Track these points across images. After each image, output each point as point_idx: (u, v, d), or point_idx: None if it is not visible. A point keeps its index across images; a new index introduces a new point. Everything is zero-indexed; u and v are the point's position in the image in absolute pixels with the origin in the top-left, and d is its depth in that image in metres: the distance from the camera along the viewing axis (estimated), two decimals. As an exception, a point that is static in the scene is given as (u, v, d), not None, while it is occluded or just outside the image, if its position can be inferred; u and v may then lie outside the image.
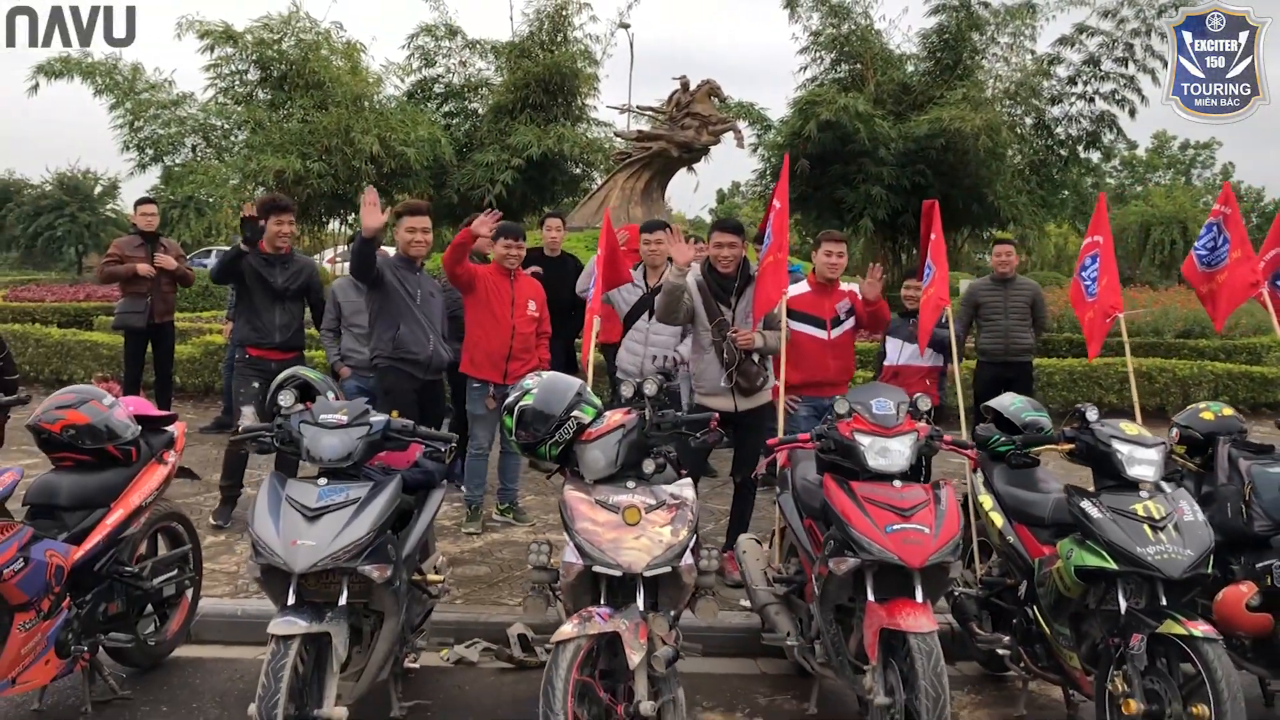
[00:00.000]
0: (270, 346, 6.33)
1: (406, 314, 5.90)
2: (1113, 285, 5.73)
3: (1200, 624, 3.60)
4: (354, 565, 3.48)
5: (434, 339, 6.00)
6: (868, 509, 3.79)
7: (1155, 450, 3.98)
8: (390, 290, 5.84)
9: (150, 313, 8.29)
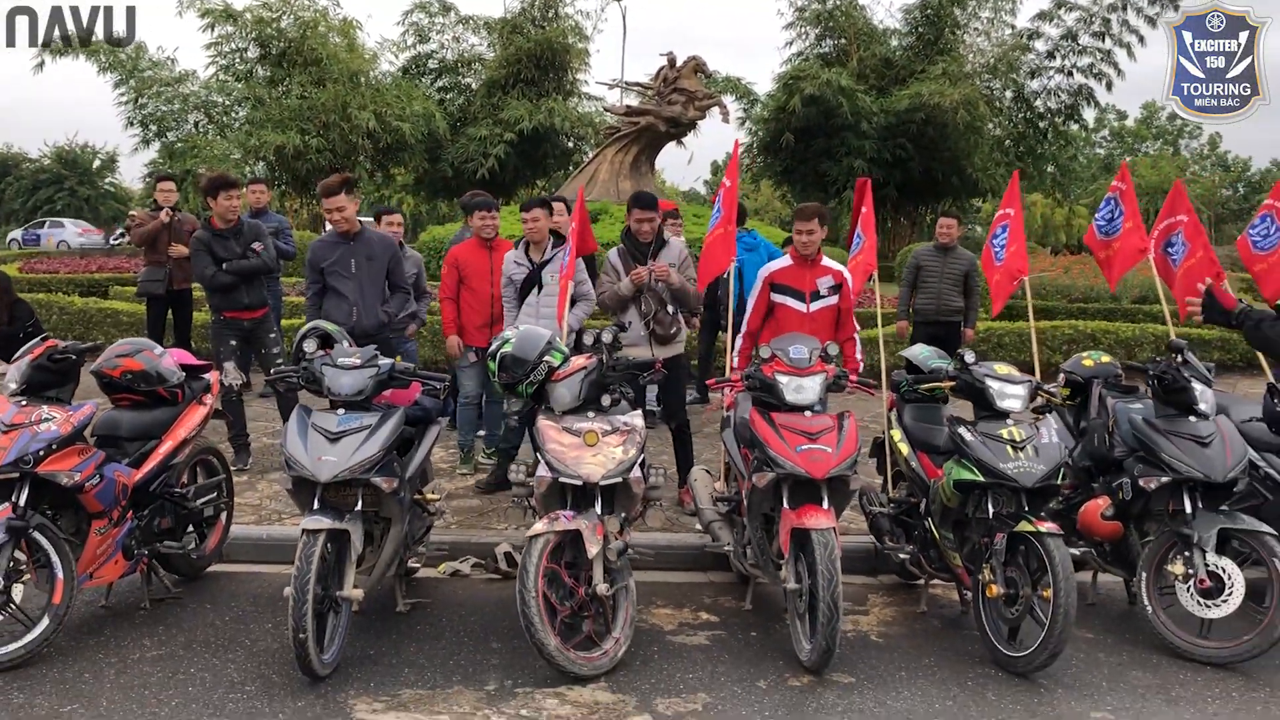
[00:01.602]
0: (240, 308, 7.20)
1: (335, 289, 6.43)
2: (1020, 252, 6.59)
3: (1046, 523, 4.49)
4: (367, 477, 4.35)
5: (359, 309, 6.36)
6: (783, 433, 4.67)
7: (1022, 387, 4.86)
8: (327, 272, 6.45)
9: (169, 280, 9.11)
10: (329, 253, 6.44)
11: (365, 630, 4.81)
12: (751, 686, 4.33)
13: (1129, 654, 4.78)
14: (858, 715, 4.08)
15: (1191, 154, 62.99)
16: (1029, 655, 4.42)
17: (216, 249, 7.10)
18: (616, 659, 4.42)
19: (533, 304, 6.66)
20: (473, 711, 4.02)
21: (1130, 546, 5.12)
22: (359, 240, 6.45)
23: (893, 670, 4.55)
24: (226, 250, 7.13)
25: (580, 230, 6.69)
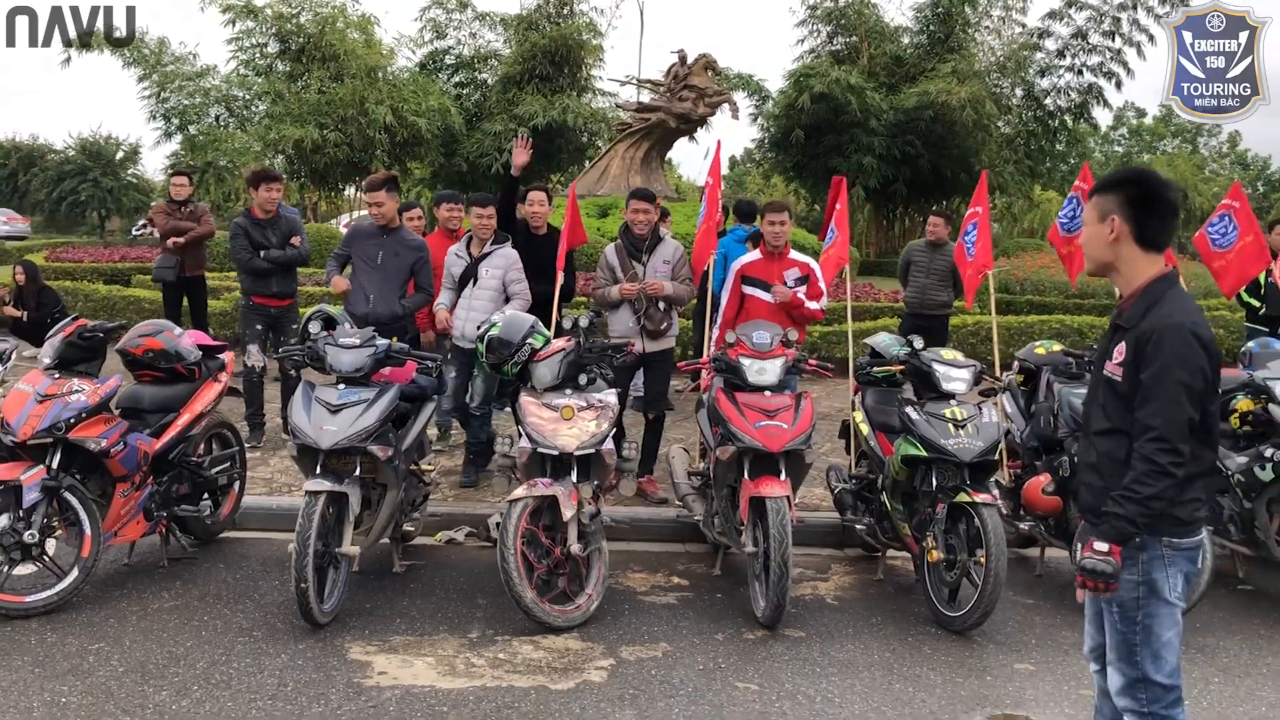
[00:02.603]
0: (270, 295, 7.73)
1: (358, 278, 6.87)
2: (986, 248, 7.00)
3: (982, 494, 4.91)
4: (364, 445, 4.82)
5: (374, 297, 6.66)
6: (744, 411, 5.12)
7: (966, 371, 5.29)
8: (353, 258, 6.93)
9: (180, 267, 9.64)
10: (363, 241, 6.91)
11: (363, 587, 5.28)
12: (710, 638, 4.77)
13: (1062, 618, 5.20)
14: (802, 663, 4.52)
15: (1210, 152, 62.82)
16: (964, 614, 4.85)
17: (255, 235, 7.62)
18: (589, 613, 4.87)
19: (466, 296, 6.82)
20: (455, 654, 4.49)
21: (1070, 520, 5.53)
22: (392, 236, 6.87)
23: (841, 627, 4.99)
24: (263, 238, 7.69)
25: (571, 224, 7.14)
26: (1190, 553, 2.91)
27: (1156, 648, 2.90)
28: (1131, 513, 2.78)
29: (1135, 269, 2.94)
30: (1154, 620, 2.89)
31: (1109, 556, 2.80)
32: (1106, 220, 2.92)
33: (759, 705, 4.08)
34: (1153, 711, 2.92)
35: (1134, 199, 2.91)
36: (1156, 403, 2.79)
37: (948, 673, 4.48)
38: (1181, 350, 2.79)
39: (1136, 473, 2.79)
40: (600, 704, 4.05)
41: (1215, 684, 4.48)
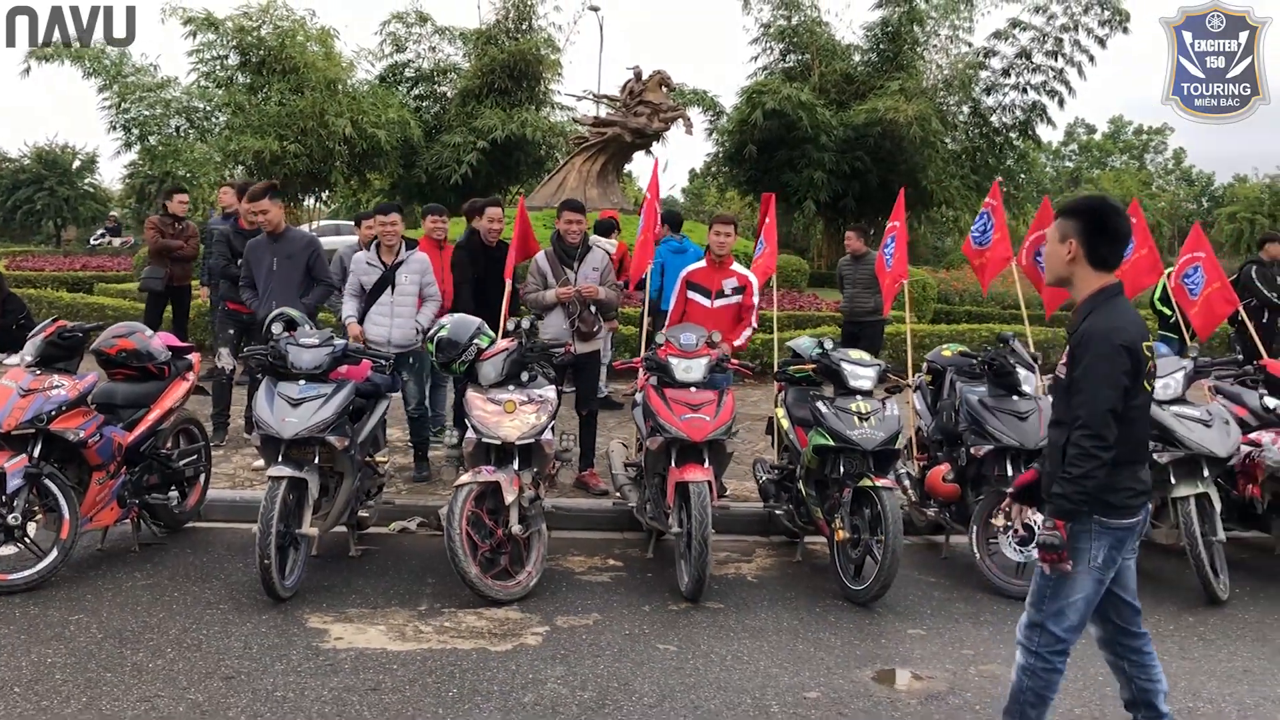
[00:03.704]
0: (242, 302, 8.07)
1: (253, 281, 7.30)
2: (902, 259, 7.58)
3: (883, 479, 5.47)
4: (323, 436, 5.29)
5: (276, 303, 6.70)
6: (671, 405, 5.65)
7: (871, 369, 5.85)
8: (253, 271, 7.32)
9: (168, 278, 10.08)
10: (258, 252, 7.32)
11: (322, 568, 5.73)
12: (638, 609, 5.28)
13: (958, 593, 5.76)
14: (718, 629, 5.04)
15: (1156, 168, 64.42)
16: (867, 587, 5.39)
17: (236, 245, 7.97)
18: (529, 588, 5.36)
19: (386, 303, 7.07)
20: (405, 623, 4.96)
21: (968, 505, 6.10)
22: (281, 241, 7.27)
23: (758, 600, 5.51)
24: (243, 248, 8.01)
25: (521, 234, 7.63)
26: (1119, 533, 3.42)
27: (1062, 605, 3.42)
28: (1068, 491, 3.30)
29: (1086, 284, 3.48)
30: (1066, 581, 3.41)
31: (1055, 531, 3.33)
32: (1066, 242, 3.47)
33: (675, 663, 4.59)
34: (1038, 653, 3.48)
35: (1089, 225, 3.44)
36: (1082, 395, 3.32)
37: (847, 637, 5.01)
38: (1104, 350, 3.32)
39: (1070, 456, 3.32)
40: (534, 662, 4.54)
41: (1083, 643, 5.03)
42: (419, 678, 4.33)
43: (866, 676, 4.55)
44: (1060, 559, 3.34)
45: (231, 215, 8.80)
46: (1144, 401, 3.46)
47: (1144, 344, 3.40)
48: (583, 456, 7.34)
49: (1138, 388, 3.38)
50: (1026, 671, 3.51)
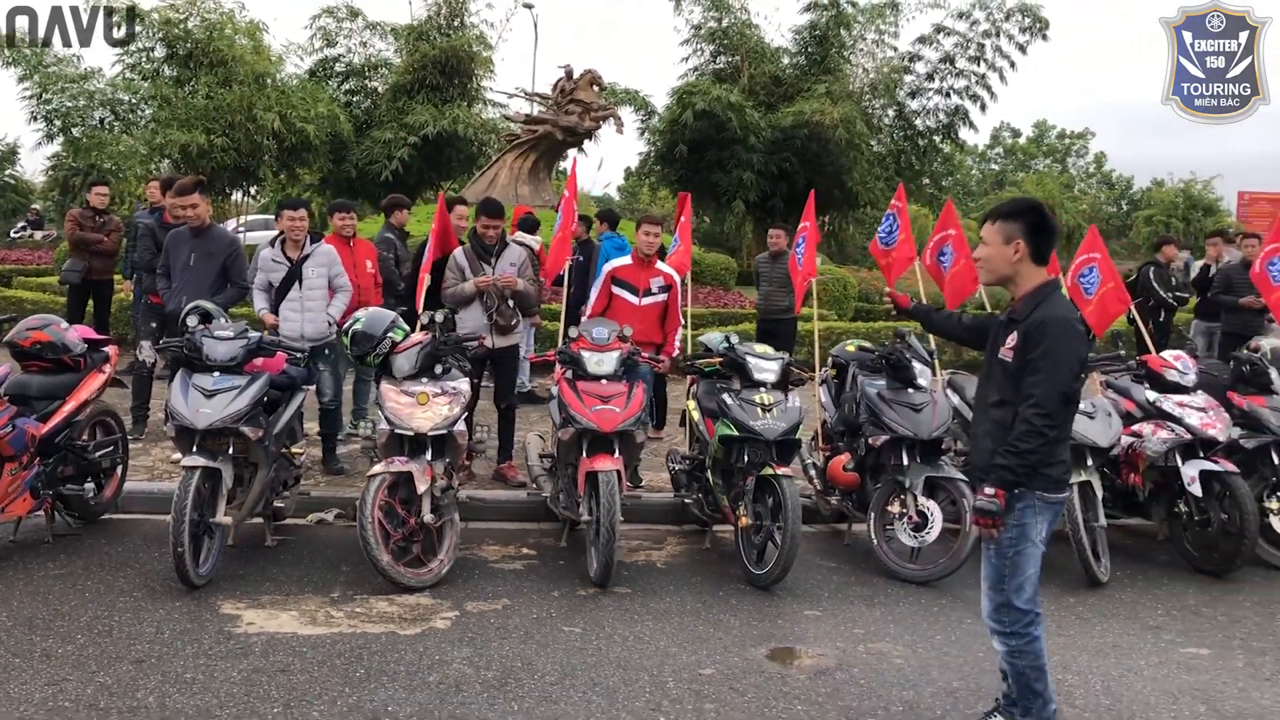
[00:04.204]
0: None
1: (169, 274, 7.31)
2: (811, 258, 7.85)
3: (783, 468, 5.70)
4: (237, 426, 5.38)
5: (187, 298, 6.68)
6: (583, 397, 5.82)
7: (775, 363, 6.08)
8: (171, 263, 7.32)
9: (88, 271, 10.01)
10: (178, 246, 7.31)
11: (237, 558, 5.82)
12: (547, 595, 5.45)
13: (856, 577, 6.02)
14: (624, 612, 5.23)
15: (1078, 171, 66.06)
16: (768, 571, 5.62)
17: (160, 239, 7.94)
18: (441, 575, 5.50)
19: (296, 298, 7.17)
20: (317, 609, 5.08)
21: (866, 493, 6.37)
22: (203, 237, 7.26)
23: (664, 585, 5.72)
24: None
25: (441, 230, 7.75)
26: (1055, 506, 3.73)
27: (1021, 580, 3.70)
28: (1013, 464, 3.58)
29: (1030, 279, 3.75)
30: (1022, 557, 3.69)
31: (994, 499, 3.60)
32: (1012, 243, 3.72)
33: (579, 644, 4.78)
34: (1014, 631, 3.73)
35: (1033, 226, 3.72)
36: (1039, 375, 3.58)
37: (746, 618, 5.24)
38: (1065, 336, 3.60)
39: (1018, 432, 3.58)
40: (441, 645, 4.69)
41: (968, 623, 5.31)
42: (328, 659, 4.46)
43: (761, 654, 4.77)
44: (995, 524, 3.61)
45: (158, 210, 8.79)
46: (1080, 387, 3.76)
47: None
48: (501, 449, 7.48)
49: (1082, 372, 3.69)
50: (1014, 654, 3.75)
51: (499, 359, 7.26)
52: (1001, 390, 3.75)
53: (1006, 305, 3.99)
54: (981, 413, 3.91)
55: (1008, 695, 3.95)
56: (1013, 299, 3.85)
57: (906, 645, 4.93)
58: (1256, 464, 6.57)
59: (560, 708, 4.09)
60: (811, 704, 4.23)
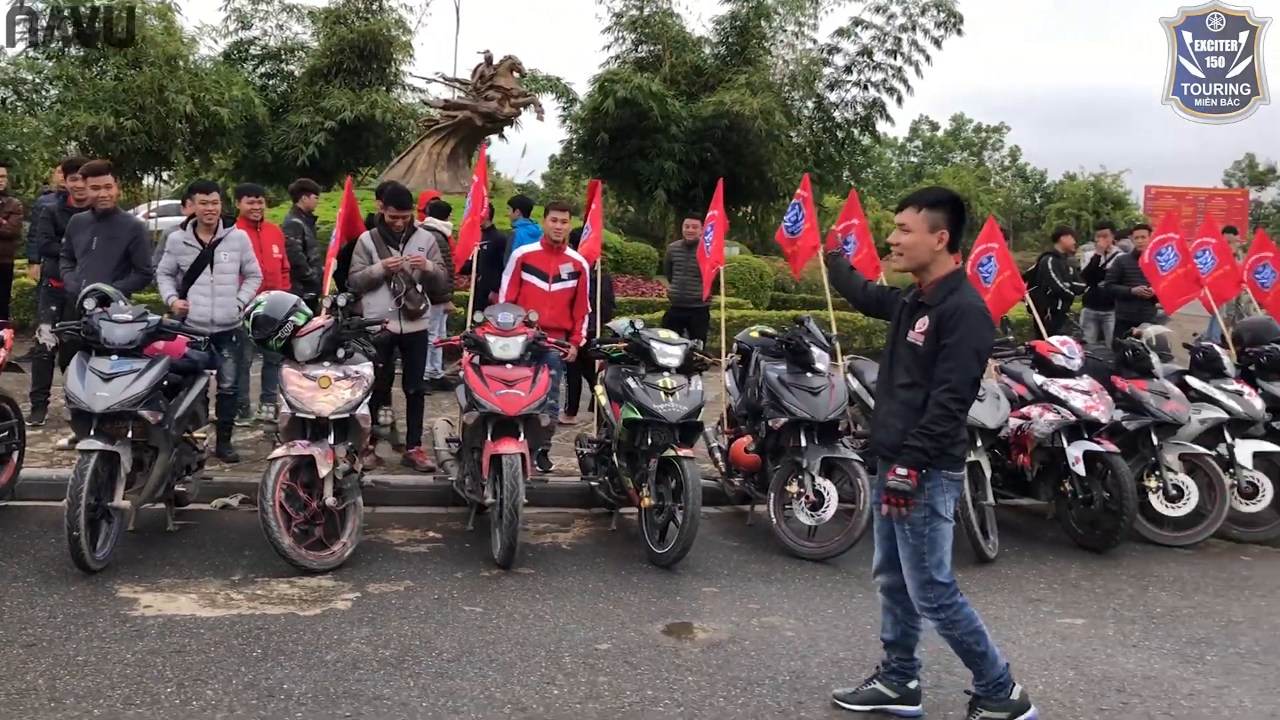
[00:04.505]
0: None
1: (78, 264, 7.16)
2: (719, 247, 7.99)
3: (684, 450, 5.83)
4: (135, 410, 5.34)
5: (86, 282, 6.51)
6: (488, 381, 5.88)
7: (679, 348, 6.21)
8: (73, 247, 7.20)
9: None
10: (81, 229, 7.19)
11: (138, 543, 5.78)
12: (450, 576, 5.51)
13: (755, 555, 6.18)
14: (526, 592, 5.31)
15: (994, 164, 67.43)
16: (669, 550, 5.75)
17: (61, 222, 7.77)
18: (343, 558, 5.53)
19: (206, 283, 7.13)
20: (216, 592, 5.08)
21: (767, 475, 6.53)
22: (107, 221, 7.13)
23: (568, 565, 5.81)
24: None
25: (347, 215, 7.74)
26: (958, 483, 3.91)
27: (940, 555, 3.85)
28: (926, 446, 3.71)
29: (943, 266, 3.88)
30: (937, 534, 3.84)
31: (907, 479, 3.73)
32: (937, 232, 3.85)
33: (479, 623, 4.85)
34: (941, 604, 3.86)
35: (955, 216, 3.87)
36: (954, 361, 3.71)
37: (645, 595, 5.36)
38: (979, 324, 3.75)
39: (931, 415, 3.71)
40: (341, 625, 4.73)
41: (858, 597, 5.49)
42: (225, 640, 4.47)
43: (657, 630, 4.89)
44: (907, 504, 3.75)
45: (62, 194, 8.60)
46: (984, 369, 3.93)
47: None
48: (410, 435, 7.51)
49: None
50: (948, 625, 3.89)
51: (407, 344, 7.28)
52: (910, 373, 3.88)
53: (909, 287, 4.11)
54: (887, 394, 4.02)
55: (886, 664, 4.13)
56: (919, 284, 3.97)
57: (798, 619, 5.09)
58: (1138, 445, 6.88)
59: (456, 683, 4.16)
60: (702, 675, 4.36)
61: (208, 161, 26.32)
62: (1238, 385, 7.28)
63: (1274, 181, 49.50)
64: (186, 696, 3.92)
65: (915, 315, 3.91)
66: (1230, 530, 6.94)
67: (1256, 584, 6.05)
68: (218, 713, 3.80)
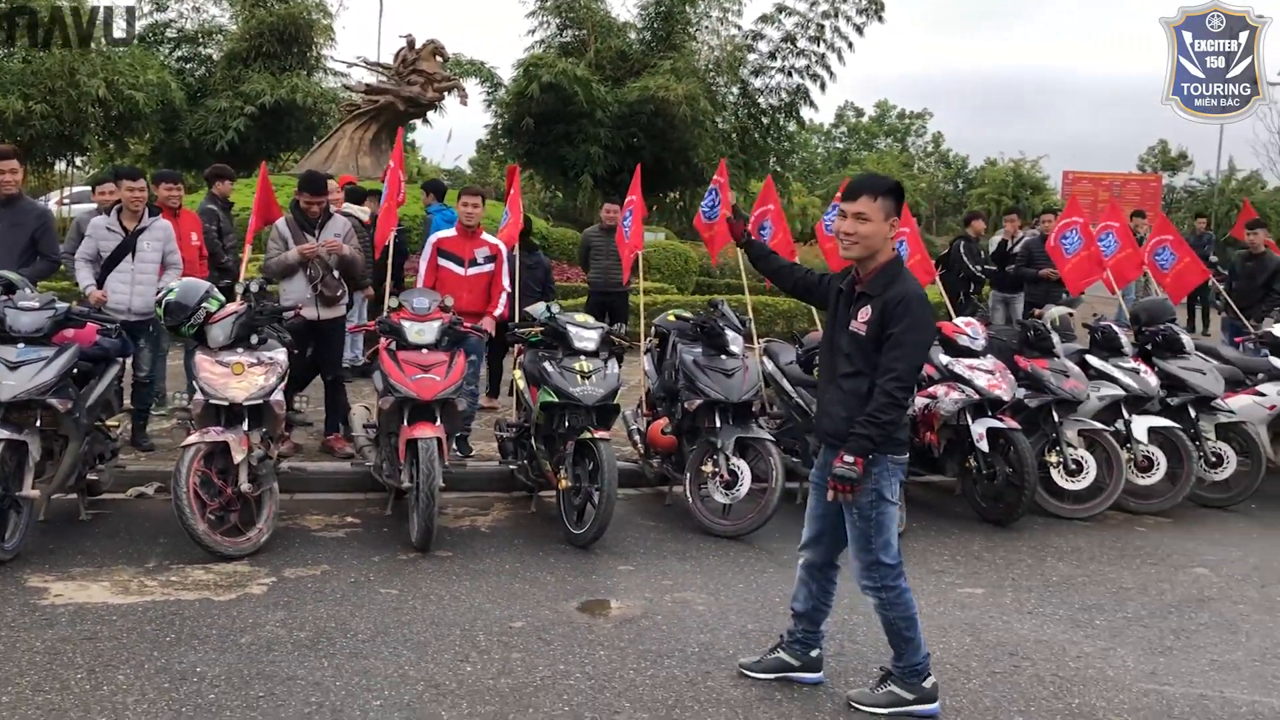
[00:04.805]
0: None
1: None
2: (638, 232, 8.10)
3: (601, 432, 5.93)
4: (44, 399, 5.29)
5: None
6: (403, 366, 5.92)
7: (595, 332, 6.30)
8: None
9: None
10: None
11: (50, 533, 5.72)
12: (367, 560, 5.55)
13: (672, 534, 6.31)
14: (442, 574, 5.38)
15: (917, 150, 68.43)
16: (586, 530, 5.85)
17: None
18: (259, 544, 5.54)
19: (126, 270, 7.02)
20: (130, 579, 5.07)
21: (684, 455, 6.66)
22: (10, 206, 6.93)
23: (486, 547, 5.89)
24: None
25: (263, 201, 7.69)
26: (902, 466, 3.99)
27: (886, 537, 3.95)
28: (873, 433, 3.81)
29: (886, 254, 3.99)
30: (884, 517, 3.94)
31: (854, 466, 3.82)
32: (889, 220, 3.94)
33: (394, 604, 4.91)
34: (885, 585, 3.98)
35: (899, 204, 3.97)
36: (899, 351, 3.81)
37: (561, 574, 5.46)
38: (922, 314, 3.86)
39: (878, 403, 3.80)
40: (256, 609, 4.76)
41: (769, 572, 5.64)
42: (138, 626, 4.48)
43: (572, 607, 5.00)
44: (854, 490, 3.86)
45: None
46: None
47: None
48: (328, 422, 7.51)
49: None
50: (886, 605, 4.01)
51: (324, 331, 7.26)
52: (853, 361, 3.97)
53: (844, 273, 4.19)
54: (831, 383, 4.09)
55: (791, 633, 4.28)
56: (857, 271, 4.05)
57: (710, 594, 5.24)
58: (1039, 421, 7.14)
59: (370, 663, 4.22)
60: (614, 649, 4.48)
61: (123, 147, 25.73)
62: (1134, 364, 7.58)
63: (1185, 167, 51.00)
64: (97, 682, 3.93)
65: (857, 304, 4.00)
66: (1127, 502, 7.23)
67: (1148, 553, 6.34)
68: (129, 696, 3.82)
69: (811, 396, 6.89)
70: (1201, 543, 6.61)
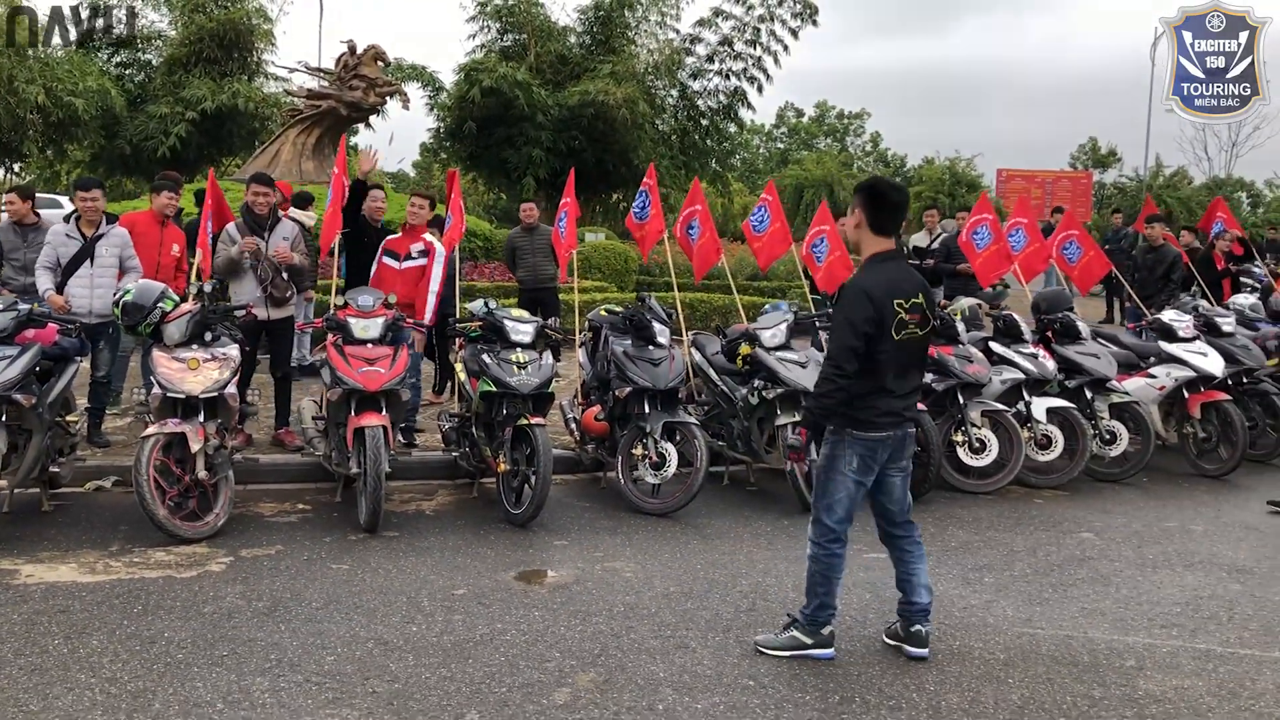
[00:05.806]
0: None
1: None
2: (572, 232, 8.56)
3: (536, 418, 6.38)
4: (8, 394, 5.63)
5: None
6: (350, 360, 6.33)
7: (530, 325, 6.75)
8: None
9: None
10: None
11: (14, 523, 6.05)
12: (319, 541, 5.95)
13: (605, 513, 6.78)
14: (390, 551, 5.80)
15: (856, 150, 69.51)
16: (523, 511, 6.30)
17: None
18: (217, 528, 5.92)
19: (85, 275, 7.31)
20: (96, 560, 5.43)
21: (616, 441, 7.13)
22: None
23: (430, 528, 6.31)
24: None
25: (215, 206, 8.03)
26: (866, 443, 4.33)
27: (829, 501, 4.43)
28: (811, 405, 4.41)
29: (869, 247, 4.45)
30: (831, 482, 4.42)
31: (799, 436, 4.36)
32: (853, 214, 4.43)
33: (345, 577, 5.33)
34: (819, 544, 4.47)
35: (867, 199, 4.40)
36: (832, 333, 4.34)
37: (500, 549, 5.91)
38: (851, 299, 4.30)
39: (816, 382, 4.36)
40: (216, 584, 5.15)
41: (693, 544, 6.13)
42: (107, 600, 4.85)
43: (510, 577, 5.44)
44: (800, 458, 4.38)
45: None
46: (891, 346, 4.28)
47: (895, 300, 4.28)
48: (279, 416, 7.87)
49: (885, 335, 4.27)
50: (814, 559, 4.50)
51: (274, 330, 7.63)
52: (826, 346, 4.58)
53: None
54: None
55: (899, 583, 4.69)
56: None
57: (637, 563, 5.71)
58: (946, 403, 7.70)
59: (324, 626, 4.64)
60: (547, 611, 4.93)
61: (62, 153, 25.71)
62: (1034, 349, 8.18)
63: (1115, 164, 52.46)
64: (74, 646, 4.31)
65: None
66: (1028, 478, 7.81)
67: (1041, 521, 6.92)
68: (104, 657, 4.21)
69: (734, 385, 7.42)
70: (1092, 511, 7.21)
